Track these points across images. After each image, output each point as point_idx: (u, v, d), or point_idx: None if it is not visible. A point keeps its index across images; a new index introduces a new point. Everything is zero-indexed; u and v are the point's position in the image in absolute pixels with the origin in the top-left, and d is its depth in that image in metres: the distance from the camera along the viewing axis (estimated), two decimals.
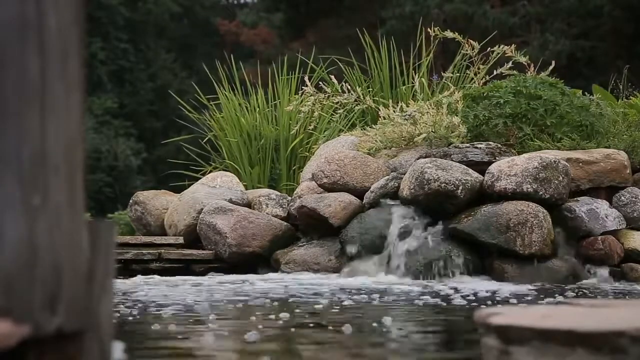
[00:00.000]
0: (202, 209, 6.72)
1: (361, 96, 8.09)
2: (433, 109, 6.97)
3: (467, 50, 8.17)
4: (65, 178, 1.44)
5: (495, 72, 7.99)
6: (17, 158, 1.40)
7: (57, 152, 1.43)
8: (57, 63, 1.43)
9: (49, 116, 1.42)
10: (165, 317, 3.61)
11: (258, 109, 8.57)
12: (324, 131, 8.27)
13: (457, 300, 4.38)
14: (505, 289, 5.11)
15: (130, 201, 7.45)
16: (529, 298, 4.56)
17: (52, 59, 1.42)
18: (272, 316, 3.55)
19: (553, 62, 8.00)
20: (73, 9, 1.45)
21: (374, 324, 3.37)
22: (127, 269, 6.36)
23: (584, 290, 5.20)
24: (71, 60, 1.45)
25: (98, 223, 1.53)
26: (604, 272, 5.87)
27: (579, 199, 6.10)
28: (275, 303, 4.22)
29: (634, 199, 6.17)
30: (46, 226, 1.41)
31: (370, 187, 6.40)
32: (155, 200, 7.35)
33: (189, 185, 7.55)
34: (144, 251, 6.50)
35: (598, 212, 5.98)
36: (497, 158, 6.26)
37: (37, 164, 1.41)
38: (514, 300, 4.44)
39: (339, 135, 7.76)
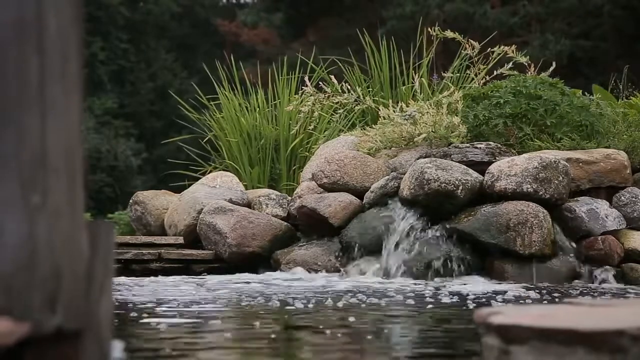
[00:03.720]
0: (202, 209, 6.71)
1: (361, 96, 8.09)
2: (433, 109, 6.97)
3: (467, 51, 8.17)
4: (65, 179, 1.44)
5: (495, 73, 7.99)
6: (17, 159, 1.40)
7: (56, 153, 1.43)
8: (57, 64, 1.43)
9: (48, 117, 1.42)
10: None
11: (258, 109, 8.57)
12: (324, 131, 8.27)
13: (457, 300, 4.38)
14: (505, 288, 5.11)
15: (130, 201, 7.45)
16: (529, 298, 4.56)
17: (52, 61, 1.42)
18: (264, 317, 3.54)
19: (554, 63, 8.00)
20: (72, 10, 1.45)
21: (372, 324, 3.37)
22: (127, 269, 6.36)
23: (584, 290, 5.20)
24: (70, 62, 1.45)
25: (97, 224, 1.53)
26: (604, 272, 5.87)
27: (579, 199, 6.10)
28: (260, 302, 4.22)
29: (634, 199, 6.17)
30: (46, 226, 1.41)
31: (370, 187, 6.40)
32: (155, 200, 7.35)
33: (189, 185, 7.55)
34: (143, 251, 6.50)
35: (598, 212, 5.98)
36: (497, 158, 6.26)
37: (36, 165, 1.41)
38: (514, 300, 4.44)
39: (339, 135, 7.75)
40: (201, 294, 4.77)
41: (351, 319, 3.50)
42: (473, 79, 8.19)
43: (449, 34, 8.07)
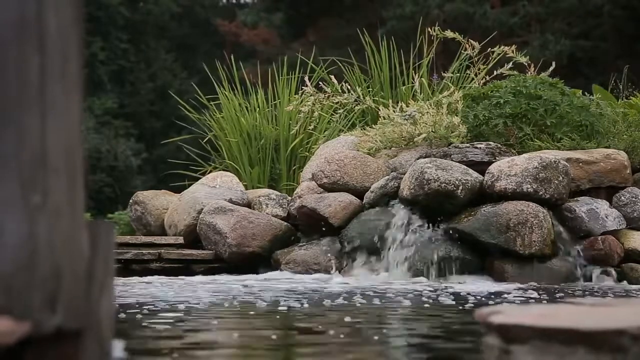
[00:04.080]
0: (202, 209, 6.72)
1: (361, 96, 8.09)
2: (433, 109, 6.97)
3: (467, 51, 8.18)
4: (65, 178, 1.44)
5: (495, 73, 7.99)
6: (17, 159, 1.40)
7: (57, 152, 1.43)
8: (57, 64, 1.43)
9: (48, 117, 1.42)
10: None
11: (258, 109, 8.57)
12: (324, 131, 8.27)
13: (457, 300, 4.38)
14: (505, 288, 5.11)
15: (130, 201, 7.45)
16: (529, 298, 4.56)
17: (52, 60, 1.42)
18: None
19: (554, 63, 8.00)
20: (72, 10, 1.45)
21: (370, 325, 3.37)
22: (127, 269, 6.36)
23: (584, 290, 5.20)
24: (71, 61, 1.45)
25: (98, 223, 1.53)
26: (604, 272, 5.87)
27: (579, 199, 6.10)
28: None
29: (634, 199, 6.17)
30: (46, 226, 1.41)
31: (370, 187, 6.40)
32: (155, 200, 7.35)
33: (189, 185, 7.55)
34: (143, 251, 6.50)
35: (598, 212, 5.98)
36: (497, 158, 6.26)
37: (37, 165, 1.41)
38: (514, 300, 4.44)
39: (339, 135, 7.75)
40: (201, 294, 4.77)
41: (349, 319, 3.50)
42: (473, 79, 8.19)
43: (449, 34, 8.08)
